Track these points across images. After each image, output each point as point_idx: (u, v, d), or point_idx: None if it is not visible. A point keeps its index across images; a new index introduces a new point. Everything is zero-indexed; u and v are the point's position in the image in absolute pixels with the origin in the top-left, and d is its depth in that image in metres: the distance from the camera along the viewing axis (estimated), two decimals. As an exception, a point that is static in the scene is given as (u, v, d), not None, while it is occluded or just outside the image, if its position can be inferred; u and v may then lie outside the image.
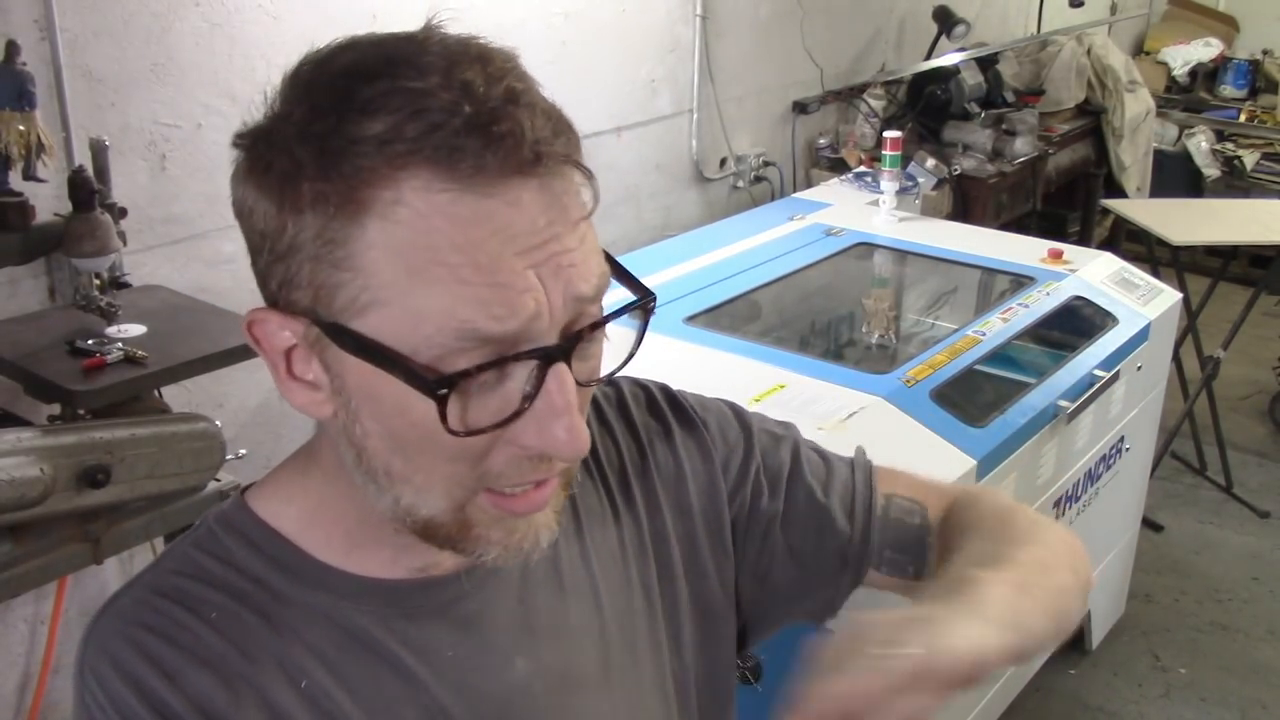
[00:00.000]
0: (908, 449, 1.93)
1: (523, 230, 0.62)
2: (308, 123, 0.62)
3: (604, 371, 0.71)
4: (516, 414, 0.64)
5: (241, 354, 1.79)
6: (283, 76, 0.66)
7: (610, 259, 0.69)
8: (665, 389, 0.94)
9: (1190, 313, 3.51)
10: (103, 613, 0.73)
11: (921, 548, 0.91)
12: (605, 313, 0.67)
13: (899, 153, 2.94)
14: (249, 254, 0.67)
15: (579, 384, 0.66)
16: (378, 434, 0.66)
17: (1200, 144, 5.36)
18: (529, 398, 0.64)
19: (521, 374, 0.64)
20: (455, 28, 0.67)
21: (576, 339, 0.64)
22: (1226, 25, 5.95)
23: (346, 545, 0.74)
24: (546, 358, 0.63)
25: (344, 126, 0.61)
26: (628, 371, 0.74)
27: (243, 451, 1.93)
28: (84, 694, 0.70)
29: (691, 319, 2.30)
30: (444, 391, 0.61)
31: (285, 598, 0.73)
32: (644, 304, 0.70)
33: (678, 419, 0.92)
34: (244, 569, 0.74)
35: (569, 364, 0.64)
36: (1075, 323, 2.49)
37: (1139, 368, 2.54)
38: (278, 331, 0.66)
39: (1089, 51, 4.47)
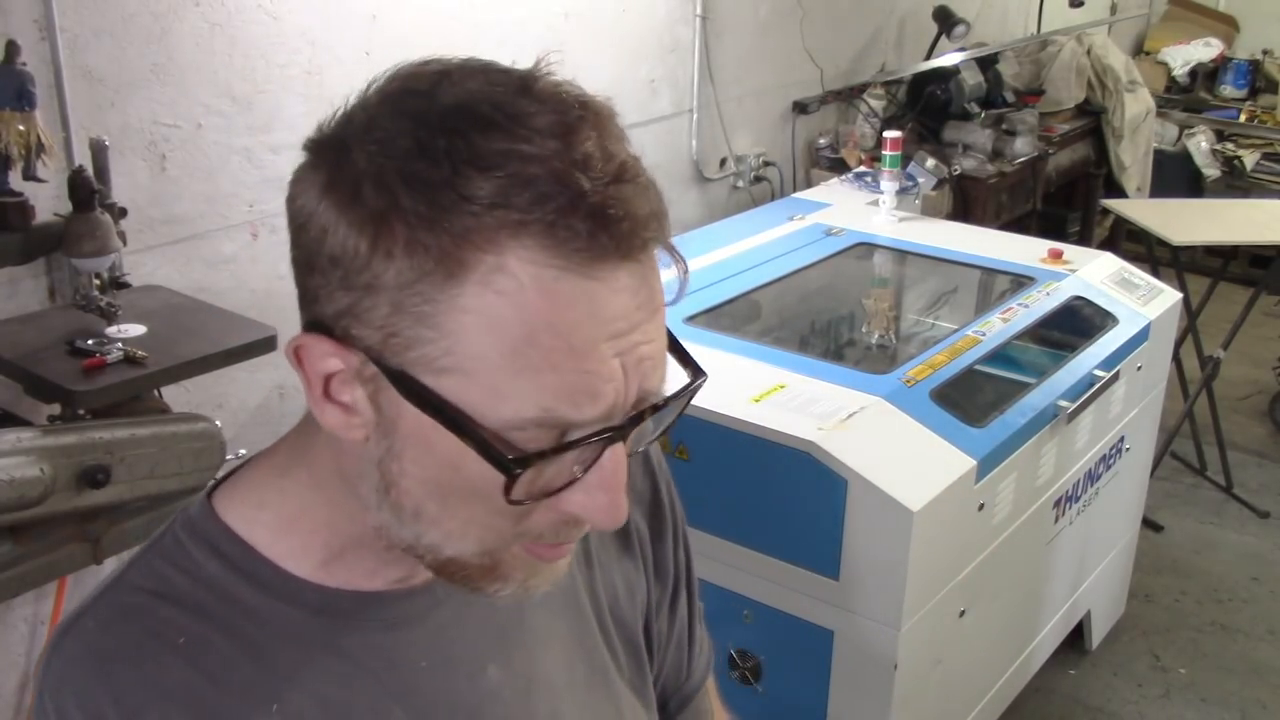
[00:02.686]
0: (908, 449, 1.93)
1: (616, 316, 0.60)
2: (412, 163, 0.58)
3: (646, 441, 0.71)
4: (569, 483, 0.63)
5: (241, 354, 1.79)
6: (373, 88, 0.63)
7: (668, 332, 0.68)
8: (661, 455, 0.95)
9: (1190, 313, 3.51)
10: (65, 633, 0.69)
11: None
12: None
13: (899, 153, 2.94)
14: (296, 264, 0.64)
15: (629, 455, 0.65)
16: (418, 478, 0.64)
17: (1200, 144, 5.36)
18: (583, 468, 0.63)
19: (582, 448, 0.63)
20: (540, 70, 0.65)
21: (639, 420, 0.64)
22: (1226, 25, 5.95)
23: (324, 555, 0.72)
24: (611, 438, 0.62)
25: (457, 181, 0.58)
26: None
27: (243, 451, 1.93)
28: None
29: (691, 319, 2.31)
30: (519, 471, 0.60)
31: (256, 614, 0.70)
32: (699, 386, 0.69)
33: (673, 522, 0.92)
34: (212, 584, 0.70)
35: (626, 442, 0.64)
36: (1075, 323, 2.49)
37: (1139, 368, 2.54)
38: (325, 357, 0.63)
39: (1089, 51, 4.47)
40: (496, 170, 0.58)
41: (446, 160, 0.58)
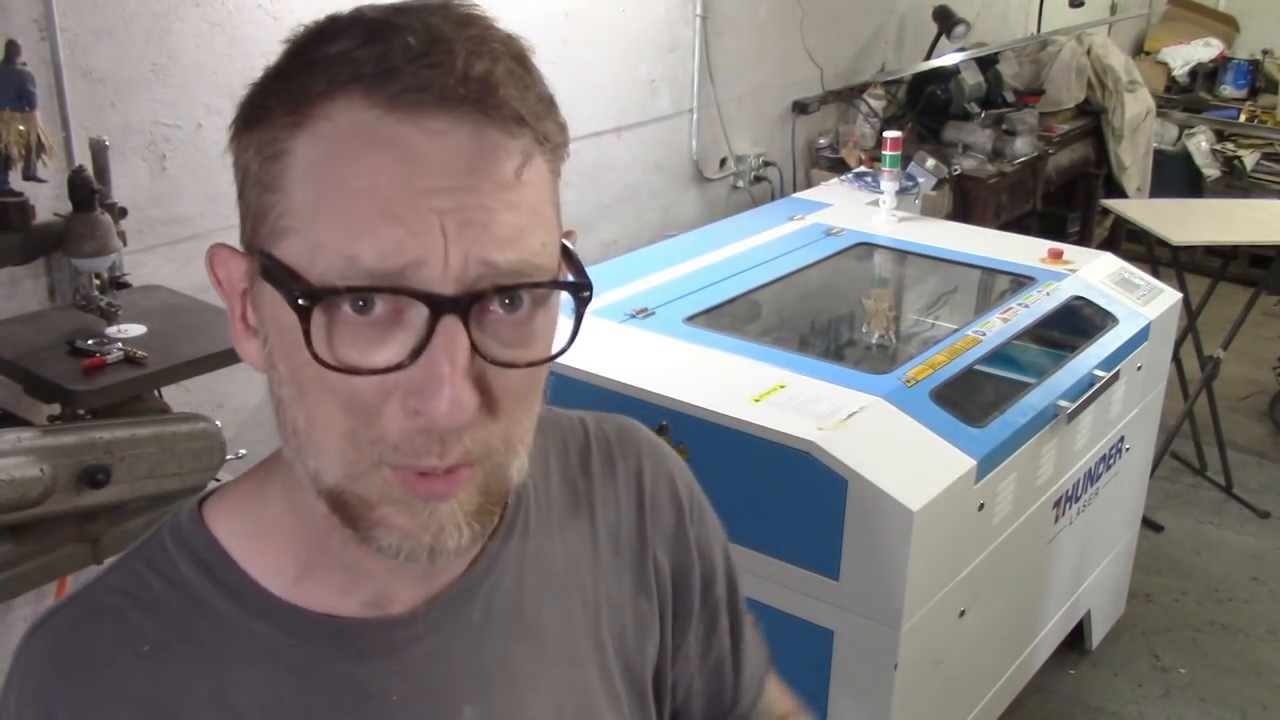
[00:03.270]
0: (908, 449, 1.93)
1: (436, 168, 0.58)
2: (276, 65, 0.62)
3: (537, 356, 0.64)
4: (399, 366, 0.59)
5: (241, 354, 1.79)
6: None
7: (565, 246, 0.65)
8: (694, 484, 0.90)
9: (1190, 313, 3.51)
10: (38, 628, 0.69)
11: None
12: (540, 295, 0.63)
13: (899, 153, 2.94)
14: None
15: (497, 363, 0.61)
16: (285, 379, 0.63)
17: (1200, 144, 5.36)
18: (416, 352, 0.59)
19: (415, 324, 0.59)
20: None
21: (477, 297, 0.59)
22: (1226, 25, 5.95)
23: (296, 570, 0.70)
24: (435, 307, 0.58)
25: (305, 51, 0.61)
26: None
27: (243, 451, 1.93)
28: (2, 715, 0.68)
29: (691, 319, 2.31)
30: (305, 303, 0.58)
31: (227, 624, 0.69)
32: (574, 290, 0.64)
33: (698, 552, 0.88)
34: (188, 591, 0.69)
35: (466, 323, 0.59)
36: (1075, 323, 2.49)
37: (1139, 368, 2.54)
38: (234, 271, 0.65)
39: (1089, 51, 4.47)
40: (343, 34, 0.60)
41: (300, 43, 0.61)
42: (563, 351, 0.65)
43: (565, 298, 0.65)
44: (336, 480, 0.63)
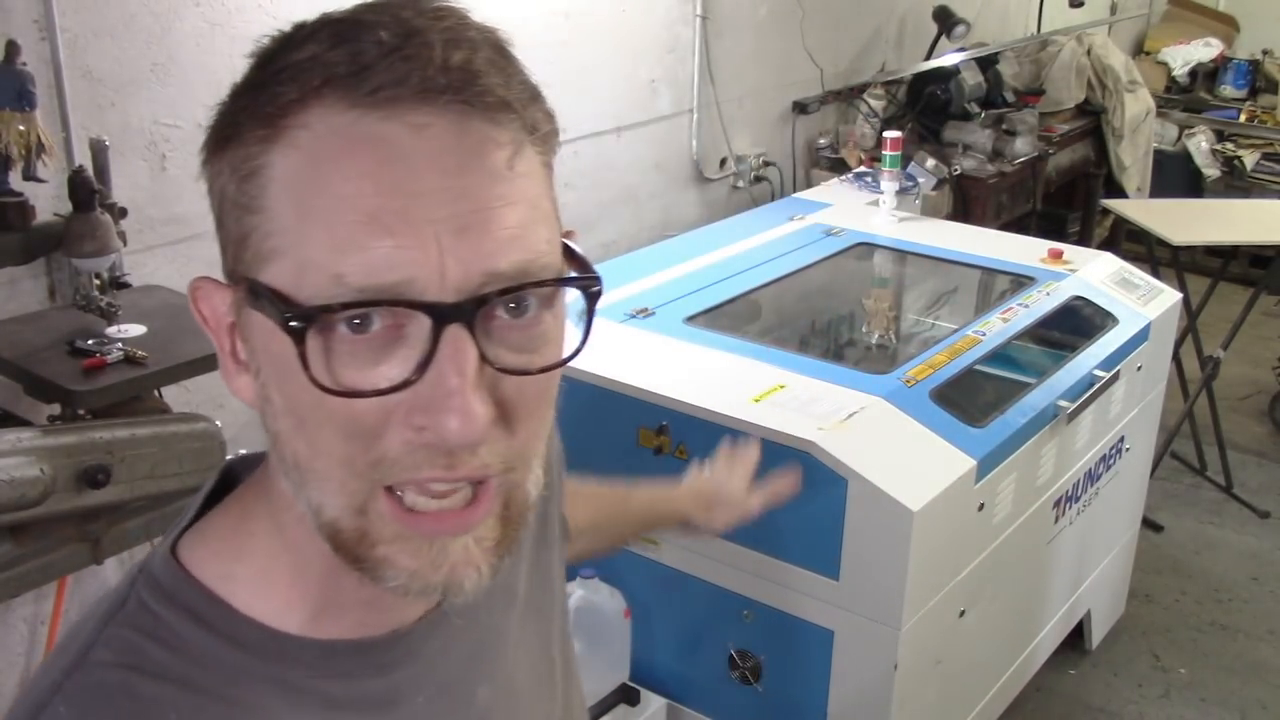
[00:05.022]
0: (908, 449, 1.93)
1: (423, 167, 0.54)
2: (243, 79, 0.59)
3: (550, 360, 0.61)
4: (405, 384, 0.55)
5: (241, 354, 1.79)
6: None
7: (565, 242, 0.62)
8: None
9: (1190, 313, 3.51)
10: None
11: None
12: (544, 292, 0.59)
13: (899, 153, 2.94)
14: None
15: (508, 371, 0.58)
16: (282, 410, 0.59)
17: (1200, 144, 5.36)
18: (422, 366, 0.55)
19: (417, 337, 0.55)
20: None
21: (481, 303, 0.55)
22: (1226, 25, 5.95)
23: (309, 611, 0.65)
24: (438, 317, 0.55)
25: (273, 61, 0.57)
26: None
27: (242, 451, 1.93)
28: None
29: (691, 319, 2.30)
30: (299, 326, 0.54)
31: (247, 676, 0.63)
32: (584, 285, 0.61)
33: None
34: (195, 653, 0.63)
35: (471, 332, 0.55)
36: (1075, 323, 2.49)
37: (1139, 368, 2.54)
38: (220, 305, 0.61)
39: (1089, 51, 4.47)
40: (310, 41, 0.57)
41: (267, 54, 0.58)
42: (576, 353, 0.62)
43: (569, 299, 0.62)
44: (337, 513, 0.59)
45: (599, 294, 0.61)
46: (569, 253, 0.62)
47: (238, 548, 0.66)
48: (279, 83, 0.56)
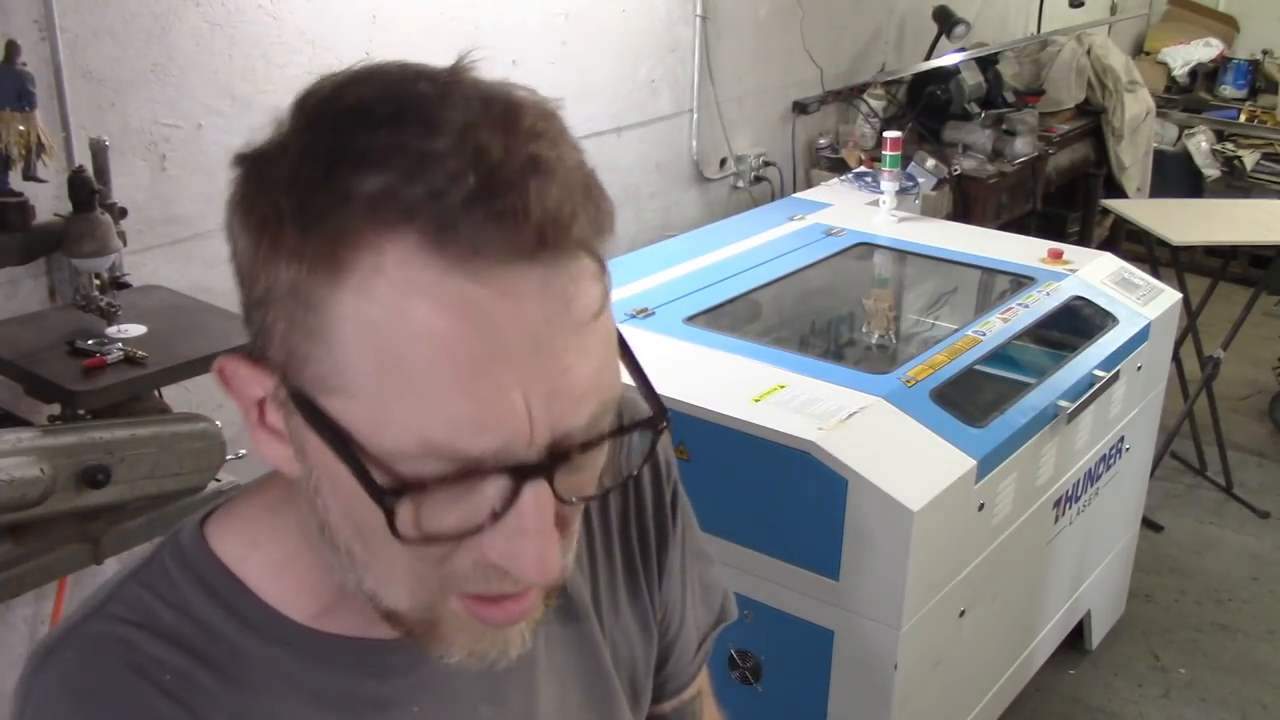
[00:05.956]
0: (908, 449, 1.93)
1: (513, 333, 0.53)
2: (298, 165, 0.55)
3: (594, 489, 0.62)
4: (479, 529, 0.57)
5: (241, 354, 1.79)
6: (295, 97, 0.59)
7: (628, 358, 0.62)
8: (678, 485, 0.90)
9: (1190, 313, 3.51)
10: (44, 663, 0.64)
11: None
12: (610, 428, 0.59)
13: (899, 153, 2.93)
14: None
15: (564, 501, 0.58)
16: (338, 513, 0.59)
17: (1200, 144, 5.36)
18: (498, 514, 0.56)
19: (497, 487, 0.56)
20: (485, 64, 0.59)
21: (562, 458, 0.56)
22: (1226, 25, 5.95)
23: (316, 607, 0.67)
24: (522, 475, 0.56)
25: (333, 179, 0.53)
26: None
27: (242, 451, 1.93)
28: None
29: (691, 319, 2.31)
30: (392, 500, 0.55)
31: (245, 654, 0.66)
32: (653, 425, 0.61)
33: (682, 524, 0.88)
34: (201, 621, 0.66)
35: (551, 483, 0.56)
36: (1075, 323, 2.49)
37: (1139, 368, 2.54)
38: (249, 382, 0.60)
39: (1089, 51, 4.47)
40: (378, 166, 0.53)
41: (327, 158, 0.54)
42: (625, 482, 0.67)
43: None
44: (401, 609, 0.61)
45: (665, 430, 0.63)
46: (636, 373, 0.63)
47: (260, 534, 0.68)
48: (344, 212, 0.53)
